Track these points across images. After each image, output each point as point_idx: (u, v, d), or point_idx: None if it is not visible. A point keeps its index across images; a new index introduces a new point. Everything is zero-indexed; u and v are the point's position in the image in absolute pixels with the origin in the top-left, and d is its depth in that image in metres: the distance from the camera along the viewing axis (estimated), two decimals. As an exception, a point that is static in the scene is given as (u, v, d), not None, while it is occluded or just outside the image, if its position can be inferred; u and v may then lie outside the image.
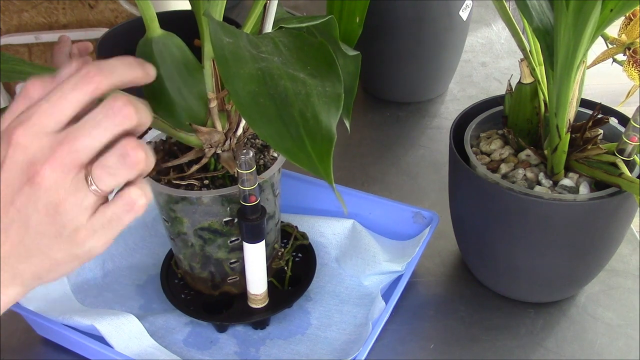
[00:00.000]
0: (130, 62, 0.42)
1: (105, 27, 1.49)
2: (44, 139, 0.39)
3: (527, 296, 0.65)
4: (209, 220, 0.56)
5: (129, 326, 0.59)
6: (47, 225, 0.41)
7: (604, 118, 0.59)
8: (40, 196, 0.40)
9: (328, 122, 0.39)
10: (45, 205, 0.40)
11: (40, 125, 0.39)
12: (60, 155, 0.39)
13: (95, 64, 0.40)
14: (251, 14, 0.53)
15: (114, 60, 0.41)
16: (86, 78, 0.40)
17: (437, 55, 0.94)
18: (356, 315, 0.63)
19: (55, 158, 0.39)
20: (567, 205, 0.55)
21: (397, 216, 0.70)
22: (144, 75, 0.43)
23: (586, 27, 0.48)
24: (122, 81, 0.42)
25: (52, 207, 0.40)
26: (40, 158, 0.39)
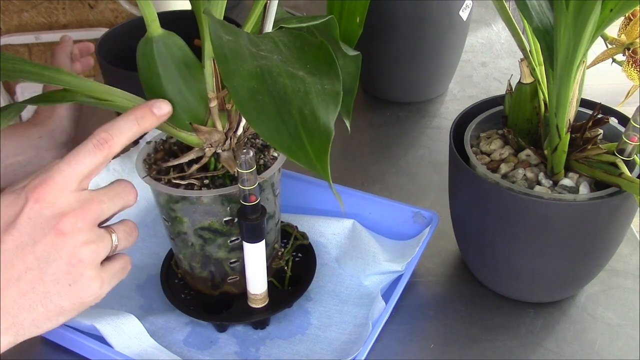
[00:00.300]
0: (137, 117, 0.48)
1: (105, 27, 1.49)
2: (70, 196, 0.45)
3: (527, 296, 0.65)
4: (209, 219, 0.56)
5: (129, 326, 0.59)
6: (64, 274, 0.45)
7: (604, 118, 0.59)
8: (66, 244, 0.44)
9: (326, 119, 0.39)
10: (69, 253, 0.45)
11: (63, 184, 0.45)
12: (89, 210, 0.45)
13: (105, 129, 0.46)
14: (251, 14, 0.53)
15: (122, 120, 0.47)
16: (98, 145, 0.46)
17: (437, 55, 0.94)
18: (356, 315, 0.63)
19: (85, 211, 0.45)
20: (567, 205, 0.55)
21: (397, 216, 0.70)
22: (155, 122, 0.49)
23: (586, 27, 0.48)
24: (131, 138, 0.48)
25: (74, 255, 0.45)
26: (69, 210, 0.45)
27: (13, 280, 0.43)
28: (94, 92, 0.51)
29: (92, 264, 0.46)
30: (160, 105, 0.49)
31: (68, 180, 0.45)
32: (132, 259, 0.69)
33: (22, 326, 0.45)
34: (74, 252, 0.45)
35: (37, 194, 0.44)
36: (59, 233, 0.44)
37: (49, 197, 0.44)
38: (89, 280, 0.46)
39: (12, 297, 0.44)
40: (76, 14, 1.49)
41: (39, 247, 0.44)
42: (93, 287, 0.46)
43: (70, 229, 0.44)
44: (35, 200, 0.44)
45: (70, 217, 0.44)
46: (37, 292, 0.44)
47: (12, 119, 0.48)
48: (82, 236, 0.45)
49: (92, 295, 0.47)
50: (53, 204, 0.44)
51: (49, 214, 0.44)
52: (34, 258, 0.44)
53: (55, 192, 0.44)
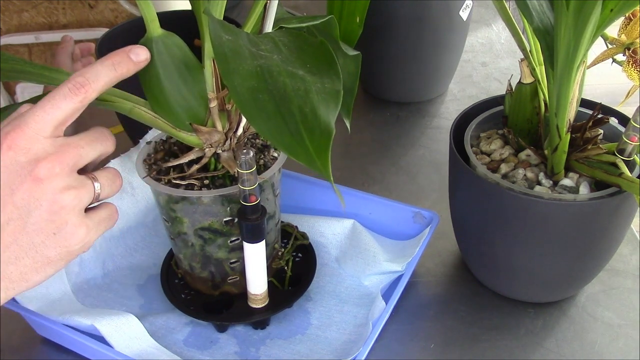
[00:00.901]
0: (114, 62, 0.46)
1: (105, 27, 1.49)
2: (45, 141, 0.43)
3: (527, 296, 0.65)
4: (209, 220, 0.56)
5: (129, 326, 0.59)
6: (47, 222, 0.43)
7: (604, 118, 0.59)
8: (45, 190, 0.42)
9: (326, 117, 0.39)
10: (49, 200, 0.42)
11: (37, 129, 0.42)
12: (66, 155, 0.43)
13: (80, 73, 0.44)
14: (251, 14, 0.53)
15: (98, 64, 0.45)
16: (74, 89, 0.43)
17: (437, 55, 0.94)
18: (356, 315, 0.63)
19: (61, 155, 0.43)
20: (567, 205, 0.55)
21: (397, 216, 0.70)
22: (133, 68, 0.47)
23: (586, 27, 0.48)
24: (108, 84, 0.46)
25: (55, 202, 0.43)
26: (45, 156, 0.42)
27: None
28: (94, 92, 0.51)
29: (74, 209, 0.44)
30: (138, 51, 0.47)
31: (42, 125, 0.43)
32: (132, 258, 0.70)
33: (10, 280, 0.43)
34: (54, 198, 0.43)
35: (9, 140, 0.42)
36: (36, 179, 0.42)
37: (23, 143, 0.42)
38: (74, 227, 0.44)
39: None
40: (76, 14, 1.49)
41: (17, 196, 0.42)
42: (79, 234, 0.44)
43: (47, 174, 0.42)
44: (9, 147, 0.42)
45: (46, 162, 0.42)
46: (21, 243, 0.43)
47: (12, 119, 0.47)
48: (61, 181, 0.43)
49: (79, 243, 0.45)
50: (28, 149, 0.42)
51: (24, 160, 0.42)
52: (13, 207, 0.42)
53: (30, 137, 0.42)
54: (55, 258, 0.44)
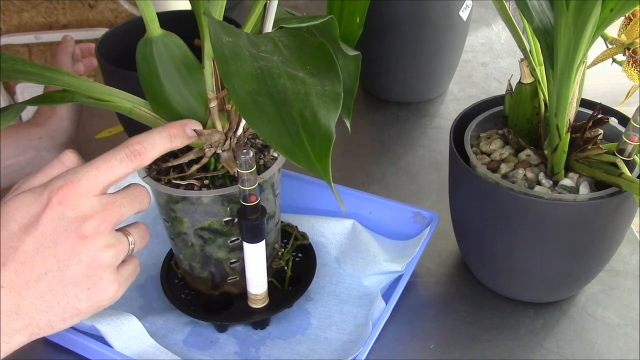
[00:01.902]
0: (171, 135, 0.49)
1: (105, 27, 1.49)
2: (93, 200, 0.45)
3: (527, 296, 0.65)
4: (209, 220, 0.56)
5: (129, 326, 0.59)
6: (84, 277, 0.45)
7: (604, 118, 0.59)
8: (88, 247, 0.45)
9: (327, 121, 0.39)
10: (90, 257, 0.45)
11: (88, 188, 0.45)
12: (111, 214, 0.45)
13: (139, 140, 0.47)
14: (251, 14, 0.53)
15: (156, 134, 0.48)
16: (131, 156, 0.46)
17: (437, 55, 0.94)
18: (356, 315, 0.63)
19: (106, 214, 0.45)
20: (567, 205, 0.55)
21: (397, 216, 0.70)
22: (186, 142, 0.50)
23: (586, 27, 0.48)
24: (162, 153, 0.48)
25: (95, 259, 0.45)
26: (92, 214, 0.45)
27: (32, 282, 0.43)
28: (94, 93, 0.51)
29: (111, 267, 0.46)
30: (192, 125, 0.50)
31: (94, 185, 0.45)
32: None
33: (37, 326, 0.45)
34: (95, 255, 0.45)
35: (61, 195, 0.44)
36: (82, 236, 0.44)
37: (73, 200, 0.44)
38: (108, 284, 0.46)
39: (30, 298, 0.44)
40: (76, 14, 1.49)
41: (60, 250, 0.44)
42: (111, 290, 0.46)
43: (92, 233, 0.44)
44: (59, 202, 0.44)
45: (93, 221, 0.44)
46: (56, 294, 0.44)
47: (12, 119, 0.48)
48: (103, 240, 0.45)
49: (109, 299, 0.47)
50: (77, 206, 0.44)
51: (72, 215, 0.44)
52: (54, 260, 0.44)
53: (80, 195, 0.44)
54: (84, 310, 0.46)
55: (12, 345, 0.44)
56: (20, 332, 0.44)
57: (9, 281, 0.43)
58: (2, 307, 0.43)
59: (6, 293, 0.43)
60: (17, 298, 0.43)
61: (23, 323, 0.44)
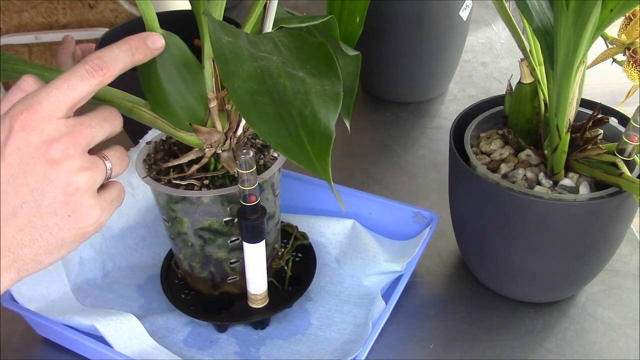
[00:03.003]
0: (132, 47, 0.45)
1: (105, 27, 1.49)
2: (58, 122, 0.42)
3: (527, 296, 0.65)
4: (209, 220, 0.56)
5: (129, 326, 0.59)
6: (61, 204, 0.42)
7: (604, 118, 0.59)
8: (60, 172, 0.42)
9: (326, 120, 0.39)
10: (63, 182, 0.42)
11: (51, 110, 0.41)
12: (79, 135, 0.42)
13: (98, 55, 0.43)
14: (251, 14, 0.53)
15: (116, 48, 0.44)
16: (92, 71, 0.43)
17: (437, 55, 0.94)
18: (356, 315, 0.63)
19: (75, 136, 0.42)
20: (567, 205, 0.55)
21: (397, 216, 0.70)
22: (149, 54, 0.47)
23: (586, 27, 0.48)
24: (125, 68, 0.45)
25: (70, 184, 0.42)
26: (58, 137, 0.42)
27: (9, 216, 0.41)
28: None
29: (89, 191, 0.43)
30: (154, 38, 0.47)
31: (56, 106, 0.42)
32: (132, 258, 0.70)
33: (24, 262, 0.43)
34: (69, 180, 0.42)
35: (22, 120, 0.41)
36: (51, 161, 0.41)
37: (36, 124, 0.41)
38: (89, 209, 0.43)
39: (10, 232, 0.41)
40: (76, 14, 1.49)
41: (31, 178, 0.41)
42: (93, 215, 0.44)
43: (61, 156, 0.41)
44: (21, 128, 0.41)
45: (60, 144, 0.41)
46: (35, 225, 0.42)
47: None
48: (75, 163, 0.42)
49: (94, 224, 0.44)
50: (41, 130, 0.41)
51: (37, 141, 0.41)
52: (27, 190, 0.41)
53: (43, 118, 0.41)
54: (69, 240, 0.44)
55: (2, 284, 0.42)
56: (7, 270, 0.42)
57: None
58: None
59: None
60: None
61: (8, 260, 0.42)
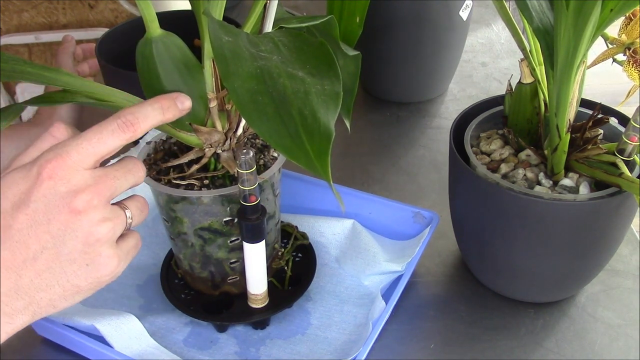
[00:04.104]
0: (163, 106, 0.47)
1: (105, 27, 1.49)
2: (84, 173, 0.43)
3: (527, 296, 0.65)
4: (209, 220, 0.56)
5: (129, 326, 0.59)
6: (81, 254, 0.44)
7: (604, 118, 0.59)
8: (82, 222, 0.43)
9: (326, 120, 0.39)
10: (85, 232, 0.43)
11: (79, 161, 0.43)
12: (104, 187, 0.44)
13: (131, 111, 0.45)
14: (251, 14, 0.53)
15: (149, 106, 0.46)
16: (124, 127, 0.44)
17: (437, 55, 0.94)
18: (356, 315, 0.63)
19: (99, 187, 0.43)
20: (567, 205, 0.55)
21: (397, 216, 0.70)
22: (177, 114, 0.48)
23: (586, 27, 0.48)
24: (154, 126, 0.47)
25: (91, 234, 0.43)
26: (84, 187, 0.43)
27: (29, 260, 0.42)
28: (94, 93, 0.51)
29: (108, 242, 0.44)
30: (183, 99, 0.48)
31: (85, 158, 0.43)
32: None
33: (38, 305, 0.43)
34: (90, 230, 0.43)
35: (50, 169, 0.42)
36: (74, 211, 0.42)
37: (63, 173, 0.42)
38: (107, 259, 0.44)
39: (28, 276, 0.42)
40: (76, 14, 1.49)
41: (54, 226, 0.42)
42: (110, 265, 0.45)
43: (85, 207, 0.42)
44: (49, 176, 0.42)
45: (85, 195, 0.42)
46: (54, 271, 0.43)
47: (13, 119, 0.48)
48: (97, 214, 0.43)
49: (110, 274, 0.45)
50: (68, 180, 0.42)
51: (63, 190, 0.42)
52: (49, 237, 0.42)
53: (70, 168, 0.42)
54: (85, 287, 0.45)
55: (15, 325, 0.43)
56: (22, 312, 0.43)
57: (5, 260, 0.42)
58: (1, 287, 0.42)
59: (3, 272, 0.42)
60: (15, 277, 0.42)
61: (24, 303, 0.43)
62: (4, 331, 0.43)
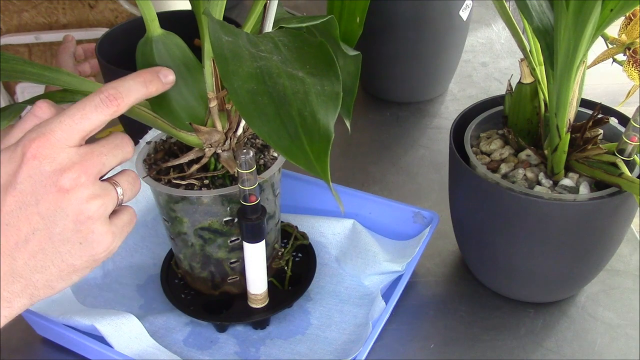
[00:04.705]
0: (145, 80, 0.46)
1: (105, 27, 1.49)
2: (70, 151, 0.42)
3: (527, 296, 0.65)
4: (209, 220, 0.56)
5: (129, 326, 0.59)
6: (73, 232, 0.43)
7: (604, 118, 0.59)
8: (71, 201, 0.42)
9: (326, 120, 0.39)
10: (75, 210, 0.42)
11: (63, 138, 0.42)
12: (91, 164, 0.43)
13: (113, 86, 0.44)
14: (251, 14, 0.53)
15: (131, 80, 0.45)
16: (107, 101, 0.43)
17: (437, 55, 0.94)
18: (356, 315, 0.63)
19: (86, 165, 0.43)
20: (567, 205, 0.55)
21: (397, 216, 0.70)
22: (161, 88, 0.48)
23: (586, 27, 0.48)
24: (138, 100, 0.46)
25: (81, 212, 0.43)
26: (70, 165, 0.42)
27: (21, 242, 0.42)
28: (94, 93, 0.51)
29: (100, 219, 0.44)
30: (166, 72, 0.48)
31: (69, 135, 0.42)
32: (132, 258, 0.70)
33: (35, 287, 0.43)
34: (80, 208, 0.42)
35: (34, 148, 0.41)
36: (62, 190, 0.42)
37: (48, 152, 0.41)
38: (100, 236, 0.44)
39: (22, 259, 0.42)
40: (76, 14, 1.49)
41: (43, 206, 0.42)
42: (105, 242, 0.44)
43: (73, 185, 0.42)
44: (33, 156, 0.41)
45: (72, 172, 0.42)
46: (47, 252, 0.43)
47: (13, 119, 0.48)
48: (86, 191, 0.42)
49: (105, 251, 0.45)
50: (53, 158, 0.41)
51: (49, 169, 0.41)
52: (39, 218, 0.42)
53: (55, 146, 0.41)
54: (80, 266, 0.44)
55: (14, 309, 0.43)
56: (19, 295, 0.43)
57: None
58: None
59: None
60: (10, 260, 0.42)
61: (20, 286, 0.43)
62: (3, 315, 0.42)
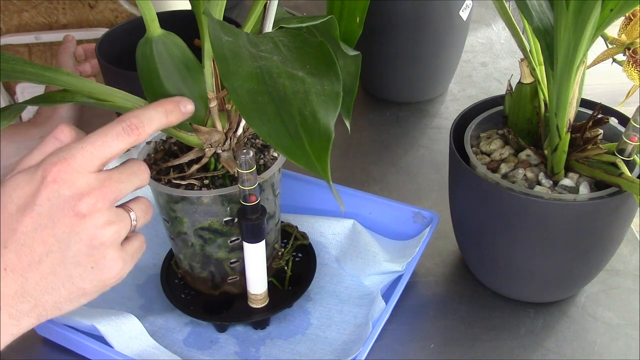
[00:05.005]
0: (167, 110, 0.47)
1: (105, 27, 1.49)
2: (89, 177, 0.43)
3: (527, 296, 0.65)
4: (209, 220, 0.56)
5: (129, 326, 0.59)
6: (86, 256, 0.44)
7: (604, 118, 0.59)
8: (87, 226, 0.43)
9: (326, 120, 0.39)
10: (90, 235, 0.43)
11: (83, 164, 0.43)
12: (108, 190, 0.44)
13: (135, 114, 0.45)
14: (251, 14, 0.53)
15: (152, 109, 0.46)
16: (128, 130, 0.44)
17: (437, 55, 0.94)
18: (356, 315, 0.63)
19: (104, 191, 0.44)
20: (567, 205, 0.55)
21: (397, 216, 0.70)
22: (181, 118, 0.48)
23: (586, 27, 0.48)
24: (158, 129, 0.47)
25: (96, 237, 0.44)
26: (88, 191, 0.43)
27: (34, 263, 0.42)
28: (94, 93, 0.51)
29: (113, 245, 0.45)
30: (186, 103, 0.48)
31: (89, 161, 0.43)
32: None
33: (44, 308, 0.44)
34: (95, 233, 0.43)
35: (55, 173, 0.42)
36: (79, 214, 0.42)
37: (68, 177, 0.42)
38: (112, 262, 0.45)
39: (34, 279, 0.43)
40: (76, 14, 1.49)
41: (59, 229, 0.42)
42: (115, 268, 0.45)
43: (90, 210, 0.43)
44: (54, 180, 0.42)
45: (90, 198, 0.43)
46: (59, 274, 0.43)
47: (13, 119, 0.48)
48: (102, 217, 0.43)
49: (115, 277, 0.45)
50: (72, 183, 0.42)
51: (67, 194, 0.42)
52: (54, 240, 0.42)
53: (75, 171, 0.43)
54: (90, 290, 0.45)
55: (21, 327, 0.44)
56: (27, 315, 0.43)
57: (11, 263, 0.42)
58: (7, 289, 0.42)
59: (9, 275, 0.42)
60: (21, 280, 0.42)
61: (29, 305, 0.43)
62: (10, 333, 0.43)
